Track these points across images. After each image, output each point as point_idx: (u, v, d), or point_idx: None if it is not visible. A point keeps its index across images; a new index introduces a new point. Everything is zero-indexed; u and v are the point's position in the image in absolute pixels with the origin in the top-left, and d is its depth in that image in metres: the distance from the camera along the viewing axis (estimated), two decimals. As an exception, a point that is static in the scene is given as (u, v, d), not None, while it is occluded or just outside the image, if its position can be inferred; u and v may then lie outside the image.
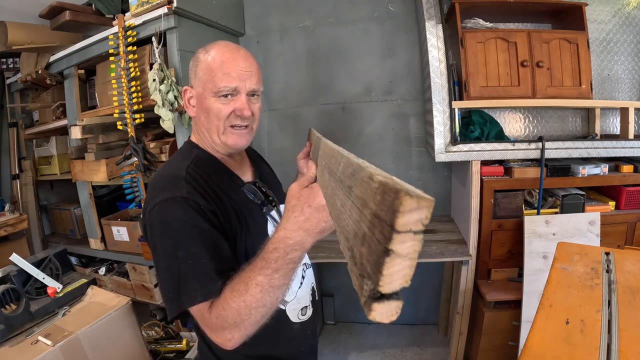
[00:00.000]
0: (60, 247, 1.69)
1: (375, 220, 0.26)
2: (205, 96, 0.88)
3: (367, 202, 0.28)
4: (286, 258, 0.65)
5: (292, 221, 0.62)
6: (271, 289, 0.67)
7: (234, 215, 0.86)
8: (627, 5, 2.01)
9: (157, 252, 0.79)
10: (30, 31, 2.24)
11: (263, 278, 0.66)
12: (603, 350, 0.70)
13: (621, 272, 0.97)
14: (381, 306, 0.26)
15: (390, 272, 0.25)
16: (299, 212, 0.61)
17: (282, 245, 0.64)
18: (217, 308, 0.72)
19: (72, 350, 1.28)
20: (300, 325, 0.98)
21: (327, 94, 2.50)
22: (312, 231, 0.62)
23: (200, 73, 0.89)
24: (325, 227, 0.62)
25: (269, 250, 0.66)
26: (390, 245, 0.24)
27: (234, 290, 0.70)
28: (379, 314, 0.26)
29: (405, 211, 0.23)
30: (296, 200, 0.62)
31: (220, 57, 0.87)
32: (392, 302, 0.26)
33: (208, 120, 0.89)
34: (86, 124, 2.02)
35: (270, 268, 0.66)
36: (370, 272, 0.26)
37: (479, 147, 1.82)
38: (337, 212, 0.40)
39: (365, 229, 0.28)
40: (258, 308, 0.68)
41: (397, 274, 0.25)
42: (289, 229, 0.63)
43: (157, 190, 0.81)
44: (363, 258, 0.28)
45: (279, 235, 0.64)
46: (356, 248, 0.30)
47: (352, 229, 0.32)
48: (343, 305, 2.80)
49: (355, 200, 0.32)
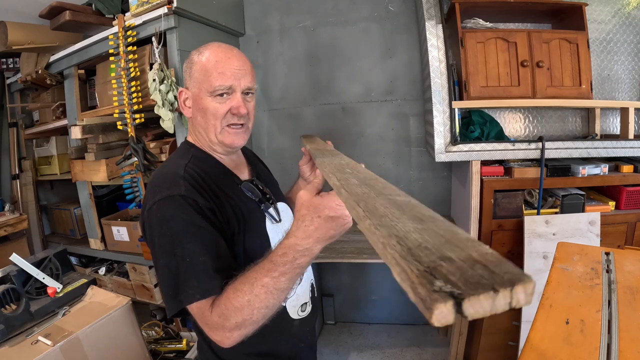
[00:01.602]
0: (60, 247, 1.69)
1: (477, 264, 0.31)
2: (201, 96, 0.89)
3: (462, 247, 0.34)
4: (294, 263, 0.67)
5: (302, 230, 0.64)
6: (276, 291, 0.69)
7: (232, 212, 0.87)
8: (627, 5, 2.00)
9: (156, 250, 0.79)
10: (30, 31, 2.24)
11: (269, 280, 0.68)
12: (603, 350, 0.70)
13: (621, 272, 0.97)
14: (450, 310, 0.28)
15: (480, 300, 0.28)
16: (309, 222, 0.64)
17: (292, 252, 0.66)
18: (220, 307, 0.72)
19: (72, 350, 1.28)
20: (299, 321, 0.99)
21: (327, 94, 2.50)
22: (322, 239, 0.65)
23: (195, 74, 0.90)
24: (334, 234, 0.64)
25: (278, 255, 0.67)
26: (498, 289, 0.28)
27: (238, 289, 0.71)
28: (443, 313, 0.28)
29: (521, 291, 0.28)
30: (306, 210, 0.64)
31: (214, 57, 0.88)
32: (456, 314, 0.28)
33: (205, 120, 0.90)
34: (86, 124, 2.02)
35: (278, 271, 0.67)
36: (456, 283, 0.29)
37: (479, 147, 1.82)
38: (375, 210, 0.42)
39: (452, 255, 0.32)
40: (261, 309, 0.70)
41: (482, 306, 0.28)
42: (299, 237, 0.65)
43: (156, 189, 0.82)
44: (444, 269, 0.31)
45: (289, 242, 0.66)
46: (424, 253, 0.33)
47: (414, 238, 0.35)
48: (343, 305, 2.80)
49: (431, 231, 0.36)
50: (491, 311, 0.29)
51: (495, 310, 0.29)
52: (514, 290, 0.28)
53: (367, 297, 2.75)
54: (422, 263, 0.31)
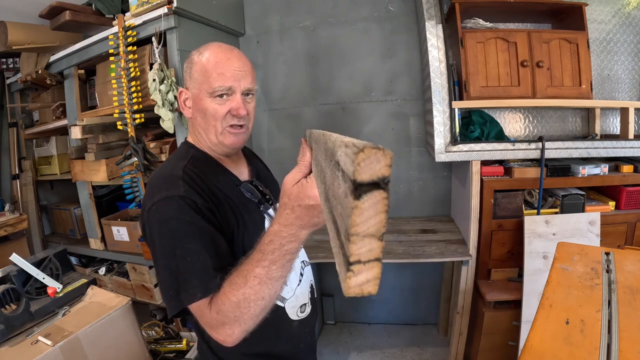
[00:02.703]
0: (60, 247, 1.69)
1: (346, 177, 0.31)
2: (200, 97, 0.89)
3: None
4: (282, 249, 0.66)
5: (284, 217, 0.64)
6: (269, 280, 0.68)
7: (231, 213, 0.87)
8: (627, 5, 2.00)
9: (156, 251, 0.79)
10: (30, 31, 2.24)
11: (261, 270, 0.67)
12: (603, 350, 0.70)
13: (621, 272, 0.97)
14: (358, 277, 0.29)
15: (356, 243, 0.29)
16: (290, 210, 0.63)
17: (277, 238, 0.65)
18: (217, 303, 0.72)
19: (72, 350, 1.28)
20: (299, 322, 0.99)
21: (327, 94, 2.50)
22: (305, 226, 0.64)
23: (195, 74, 0.90)
24: (317, 221, 0.63)
25: (265, 243, 0.67)
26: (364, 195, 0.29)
27: (233, 283, 0.71)
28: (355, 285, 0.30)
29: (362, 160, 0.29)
30: (287, 199, 0.63)
31: (214, 58, 0.88)
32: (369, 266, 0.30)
33: (205, 121, 0.90)
34: (86, 124, 2.02)
35: (268, 260, 0.67)
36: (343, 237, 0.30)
37: (479, 147, 1.82)
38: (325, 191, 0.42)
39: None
40: (257, 300, 0.69)
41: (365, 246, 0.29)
42: (282, 224, 0.64)
43: (155, 190, 0.82)
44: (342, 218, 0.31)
45: (273, 229, 0.66)
46: (340, 220, 0.33)
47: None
48: (343, 305, 2.80)
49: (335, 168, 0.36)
50: (379, 217, 0.29)
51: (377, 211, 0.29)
52: (358, 169, 0.29)
53: (367, 297, 2.74)
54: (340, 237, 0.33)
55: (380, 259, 0.31)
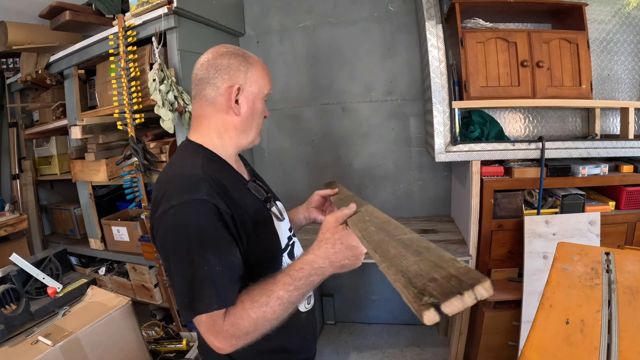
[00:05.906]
0: (60, 247, 1.69)
1: (452, 278, 0.46)
2: (259, 97, 0.92)
3: (445, 267, 0.49)
4: (308, 279, 0.73)
5: (322, 249, 0.72)
6: (289, 304, 0.73)
7: (246, 214, 0.85)
8: (627, 5, 2.00)
9: (171, 256, 0.77)
10: (30, 31, 2.24)
11: (284, 293, 0.72)
12: (603, 350, 0.70)
13: (621, 272, 0.97)
14: (434, 314, 0.42)
15: (452, 302, 0.43)
16: (331, 245, 0.71)
17: (308, 267, 0.72)
18: (234, 316, 0.73)
19: (72, 350, 1.28)
20: (306, 314, 1.01)
21: (327, 94, 2.50)
22: (335, 263, 0.72)
23: (255, 74, 0.91)
24: (346, 264, 0.72)
25: (296, 269, 0.72)
26: (464, 293, 0.43)
27: (255, 300, 0.73)
28: (429, 317, 0.43)
29: (483, 288, 0.44)
30: (331, 234, 0.72)
31: (262, 64, 0.94)
32: (439, 315, 0.43)
33: (252, 120, 0.93)
34: (86, 124, 2.02)
35: (293, 285, 0.72)
36: (437, 295, 0.43)
37: (479, 147, 1.82)
38: (387, 253, 0.58)
39: (437, 276, 0.47)
40: (272, 321, 0.73)
41: (455, 305, 0.43)
42: (318, 255, 0.72)
43: (174, 192, 0.78)
44: (430, 288, 0.45)
45: (308, 258, 0.73)
46: (418, 280, 0.48)
47: (414, 269, 0.51)
48: (343, 305, 2.80)
49: (426, 260, 0.52)
50: (464, 307, 0.43)
51: (466, 305, 0.43)
52: (475, 290, 0.43)
53: (367, 297, 2.75)
54: (416, 287, 0.46)
55: None
